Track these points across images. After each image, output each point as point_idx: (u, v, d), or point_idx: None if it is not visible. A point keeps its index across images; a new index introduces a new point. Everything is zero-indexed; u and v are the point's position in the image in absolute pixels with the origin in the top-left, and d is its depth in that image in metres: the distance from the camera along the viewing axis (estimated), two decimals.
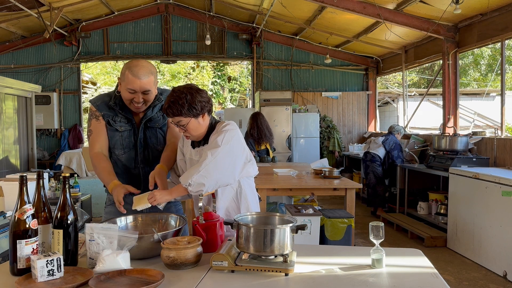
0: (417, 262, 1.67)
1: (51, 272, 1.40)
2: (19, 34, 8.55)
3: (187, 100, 1.89)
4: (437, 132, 6.92)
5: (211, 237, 1.76)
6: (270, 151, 6.06)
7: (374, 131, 9.47)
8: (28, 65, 8.95)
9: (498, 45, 6.54)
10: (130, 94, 2.02)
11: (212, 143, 1.92)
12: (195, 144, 2.07)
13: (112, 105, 2.12)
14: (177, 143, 2.19)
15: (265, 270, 1.50)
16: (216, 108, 16.79)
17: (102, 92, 1.69)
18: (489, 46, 11.53)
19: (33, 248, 1.48)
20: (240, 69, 16.88)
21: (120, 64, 13.44)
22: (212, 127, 2.03)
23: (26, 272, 1.45)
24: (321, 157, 8.66)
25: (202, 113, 1.95)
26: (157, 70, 15.80)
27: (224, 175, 1.88)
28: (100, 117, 2.13)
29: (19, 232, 1.47)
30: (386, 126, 11.59)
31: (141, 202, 1.89)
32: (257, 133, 5.84)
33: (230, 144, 1.90)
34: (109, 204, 2.26)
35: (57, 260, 1.41)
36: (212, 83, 16.47)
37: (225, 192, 2.05)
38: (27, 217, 1.47)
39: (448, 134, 5.83)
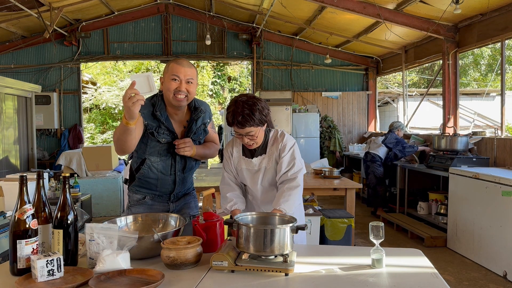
0: (417, 262, 1.67)
1: (51, 272, 1.40)
2: (19, 34, 8.55)
3: (259, 110, 1.97)
4: (437, 132, 6.91)
5: (211, 237, 1.76)
6: None
7: (374, 131, 9.47)
8: (28, 65, 8.94)
9: (498, 45, 6.55)
10: (174, 83, 2.04)
11: (294, 164, 2.06)
12: (251, 152, 2.13)
13: (158, 115, 2.10)
14: (216, 146, 2.33)
15: (265, 270, 1.50)
16: (216, 108, 16.80)
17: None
18: (489, 46, 11.54)
19: (33, 248, 1.48)
20: (240, 69, 16.87)
21: (120, 64, 13.46)
22: (265, 132, 2.13)
23: (26, 272, 1.45)
24: (322, 157, 8.65)
25: (266, 121, 2.05)
26: (157, 70, 15.87)
27: None
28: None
29: (19, 232, 1.47)
30: (386, 126, 11.58)
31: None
32: None
33: None
34: (134, 205, 2.23)
35: (57, 260, 1.41)
36: (212, 83, 16.46)
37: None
38: (27, 217, 1.47)
39: (448, 134, 5.83)
